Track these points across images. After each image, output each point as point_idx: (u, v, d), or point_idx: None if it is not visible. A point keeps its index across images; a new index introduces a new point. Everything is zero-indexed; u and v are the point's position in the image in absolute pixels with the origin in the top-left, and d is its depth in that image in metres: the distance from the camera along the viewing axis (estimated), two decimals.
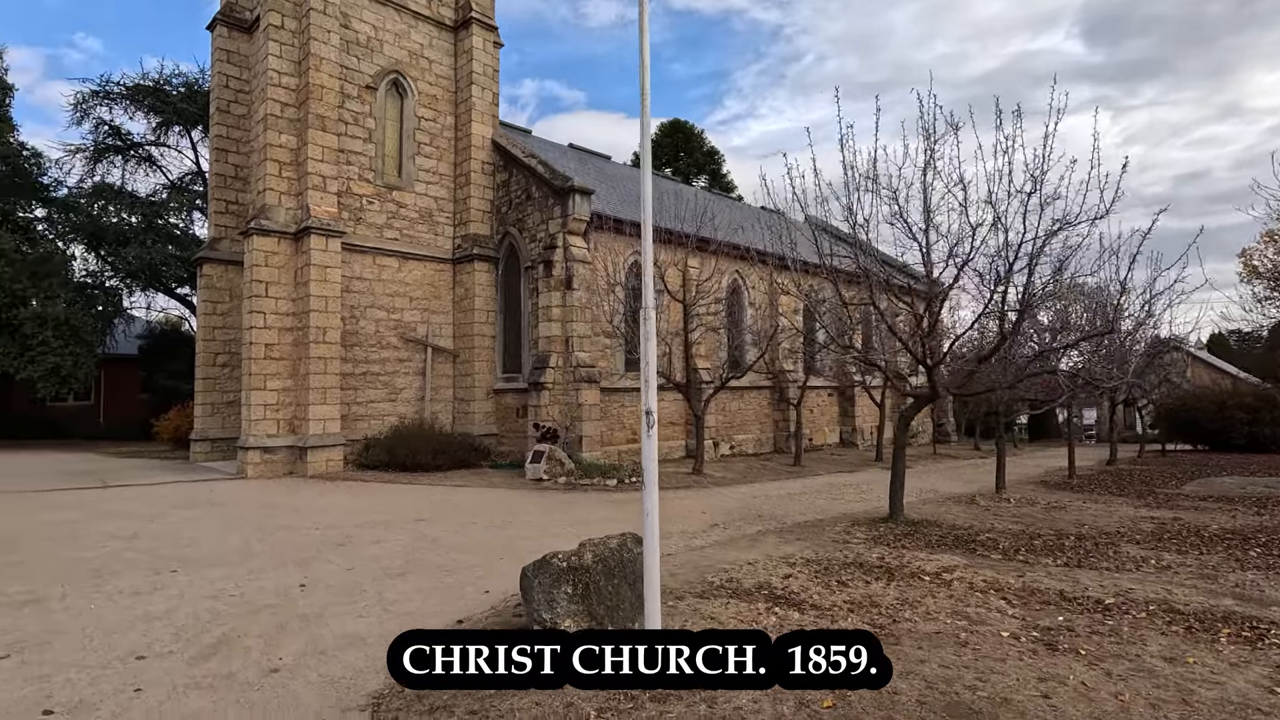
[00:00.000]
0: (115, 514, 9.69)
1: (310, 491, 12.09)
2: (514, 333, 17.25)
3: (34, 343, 20.86)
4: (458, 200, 17.80)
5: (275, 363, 14.57)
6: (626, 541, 4.49)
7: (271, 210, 14.67)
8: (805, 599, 5.26)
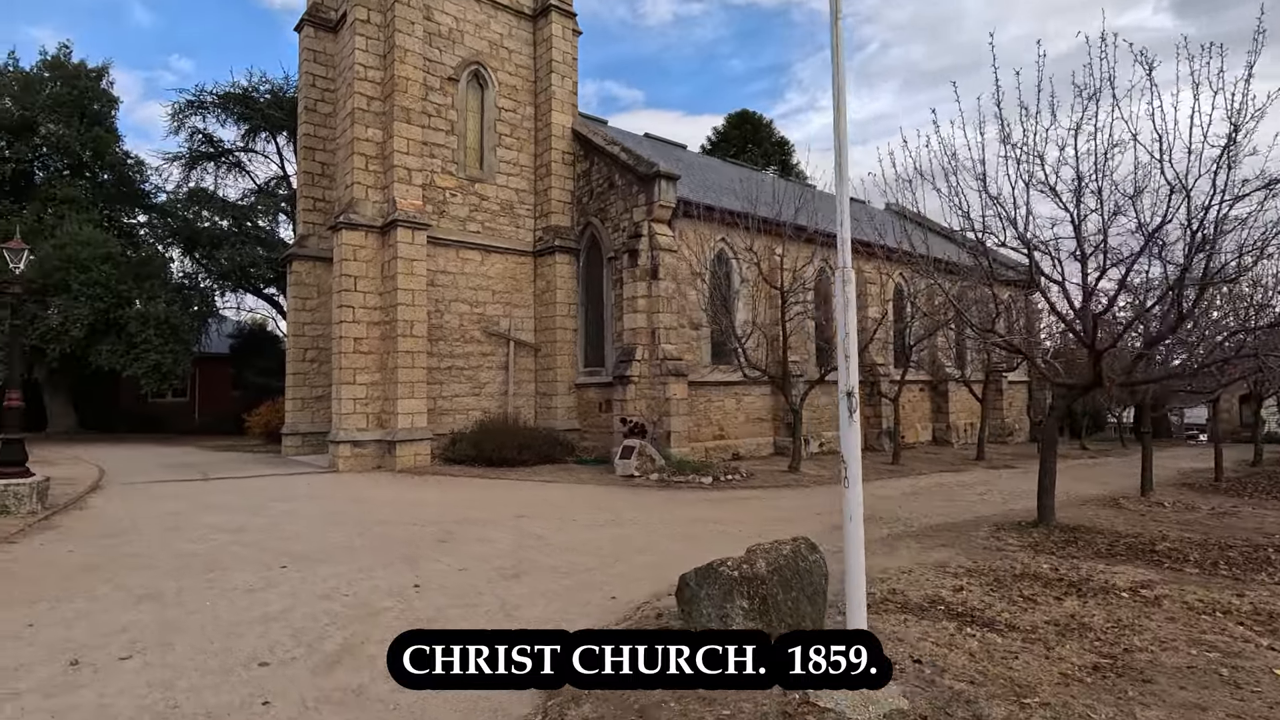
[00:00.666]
0: (217, 506, 9.69)
1: (401, 486, 11.93)
2: (596, 325, 16.82)
3: (138, 341, 21.80)
4: (538, 191, 17.50)
5: (364, 356, 14.58)
6: (800, 548, 3.84)
7: (359, 204, 14.68)
8: (995, 617, 4.48)
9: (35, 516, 8.34)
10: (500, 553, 6.89)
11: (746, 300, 16.38)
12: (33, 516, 8.33)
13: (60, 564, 6.31)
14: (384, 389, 14.67)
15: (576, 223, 17.31)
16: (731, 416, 16.64)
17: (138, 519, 8.58)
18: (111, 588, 5.54)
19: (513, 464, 14.13)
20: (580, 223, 17.19)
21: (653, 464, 12.99)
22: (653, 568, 6.31)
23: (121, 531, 7.74)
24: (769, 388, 17.40)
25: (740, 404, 16.82)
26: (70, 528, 7.93)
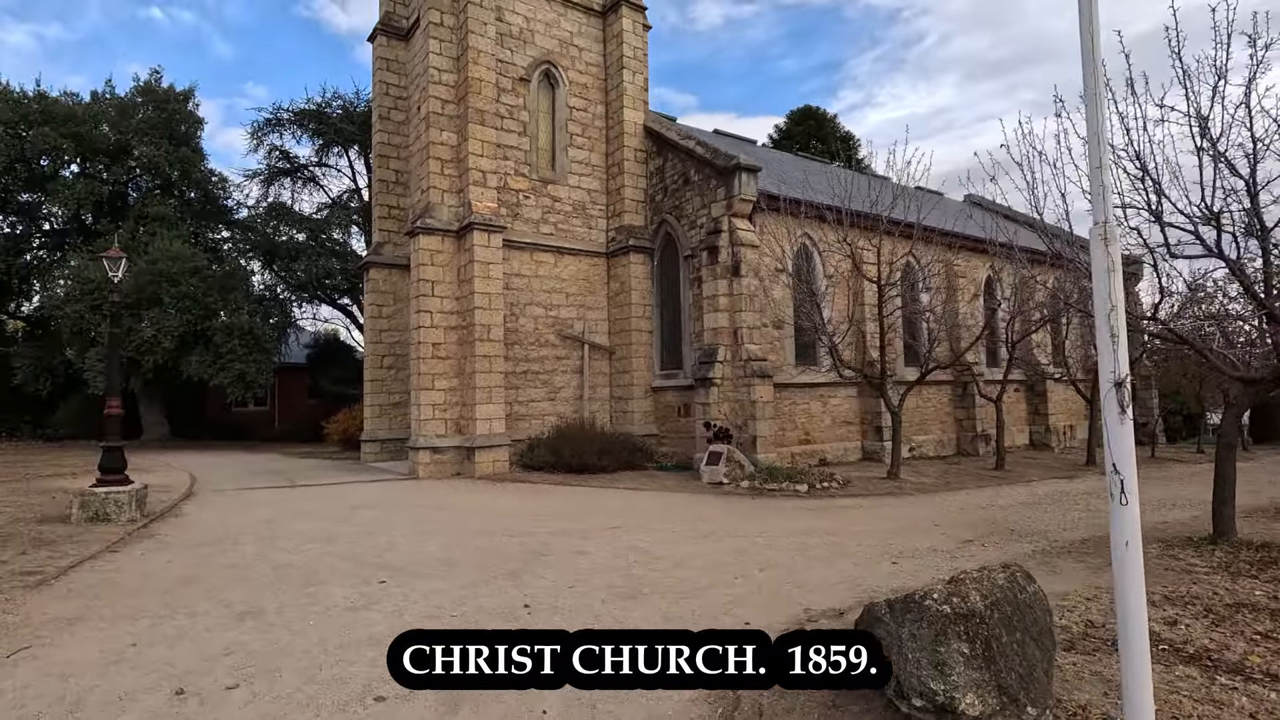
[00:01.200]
0: (307, 514, 9.55)
1: (483, 493, 11.62)
2: (672, 327, 16.25)
3: (224, 351, 22.49)
4: (610, 191, 17.10)
5: (442, 362, 14.43)
6: (1016, 578, 3.13)
7: (435, 208, 14.57)
8: (1242, 661, 3.65)
9: (134, 524, 8.32)
10: (604, 567, 6.36)
11: (828, 298, 15.50)
12: (132, 524, 8.32)
13: (160, 575, 6.13)
14: (461, 394, 14.48)
15: (650, 221, 16.81)
16: (817, 420, 15.77)
17: (231, 527, 8.47)
18: (212, 603, 5.27)
19: (593, 470, 13.68)
20: (654, 221, 16.69)
21: (741, 470, 12.31)
22: (778, 587, 5.66)
23: (216, 540, 7.59)
24: (855, 389, 16.48)
25: (826, 407, 15.94)
26: (168, 536, 7.85)
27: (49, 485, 12.47)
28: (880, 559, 6.71)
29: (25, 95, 24.89)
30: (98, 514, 8.27)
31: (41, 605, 5.21)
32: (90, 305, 22.52)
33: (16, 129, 24.05)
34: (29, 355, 26.56)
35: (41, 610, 5.08)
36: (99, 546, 7.09)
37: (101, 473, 8.61)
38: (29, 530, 7.85)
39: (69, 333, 23.46)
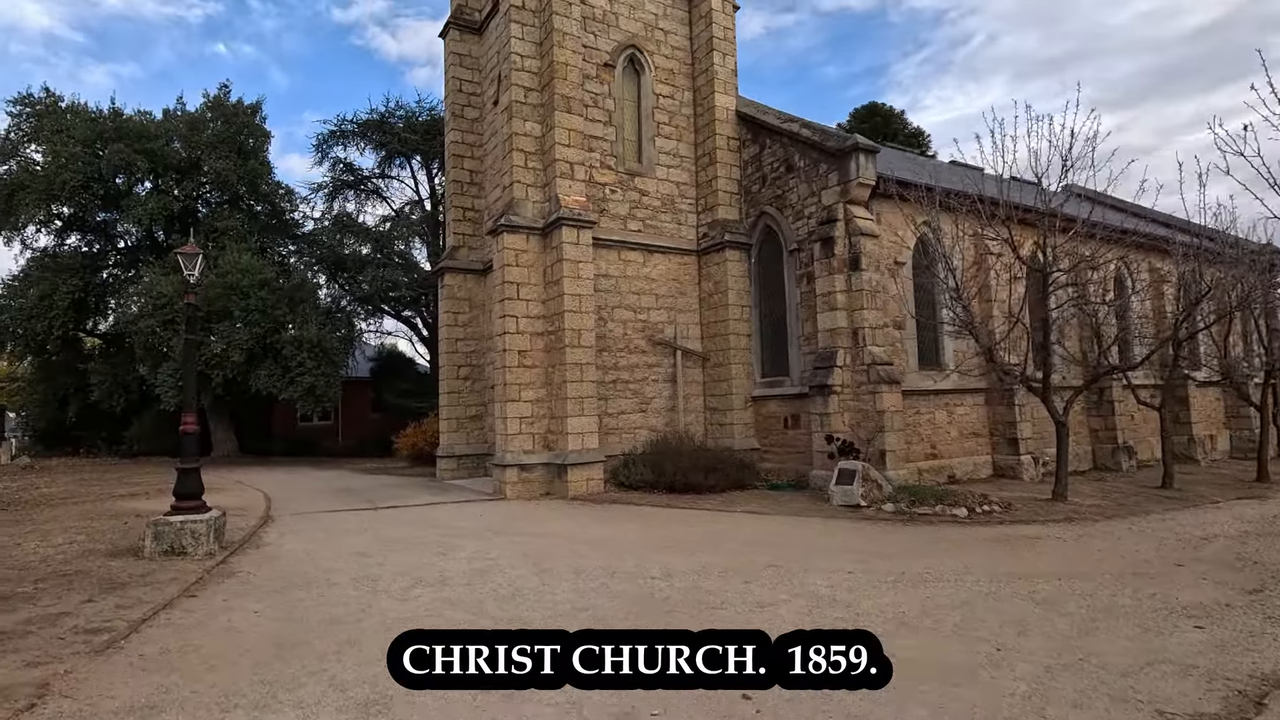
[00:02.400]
0: (401, 543, 8.35)
1: (587, 517, 10.26)
2: (776, 330, 14.70)
3: (293, 364, 21.92)
4: (700, 184, 15.71)
5: (528, 371, 13.21)
6: None
7: (519, 204, 13.42)
8: None
9: (213, 559, 7.22)
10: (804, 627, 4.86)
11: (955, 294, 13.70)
12: (210, 559, 7.22)
13: (249, 635, 4.91)
14: (550, 406, 13.23)
15: (745, 215, 15.35)
16: (943, 431, 13.95)
17: (321, 562, 7.29)
18: (323, 684, 3.98)
19: (698, 490, 12.21)
20: (750, 215, 15.22)
21: (880, 491, 10.65)
22: (1078, 669, 4.06)
23: (309, 582, 6.39)
24: (982, 396, 14.62)
25: (952, 416, 14.11)
26: (251, 575, 6.70)
27: (122, 508, 11.67)
28: (1164, 618, 5.03)
29: (101, 114, 25.07)
30: (173, 547, 7.20)
31: (108, 682, 4.01)
32: (162, 320, 22.28)
33: (93, 147, 24.18)
34: (105, 372, 26.66)
35: (108, 693, 3.87)
36: (175, 590, 5.95)
37: (177, 498, 7.56)
38: (99, 567, 6.81)
39: (142, 349, 23.31)
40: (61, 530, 9.21)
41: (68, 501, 13.00)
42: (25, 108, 24.76)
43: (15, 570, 6.75)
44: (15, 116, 24.65)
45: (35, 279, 24.90)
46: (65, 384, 28.12)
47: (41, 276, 24.71)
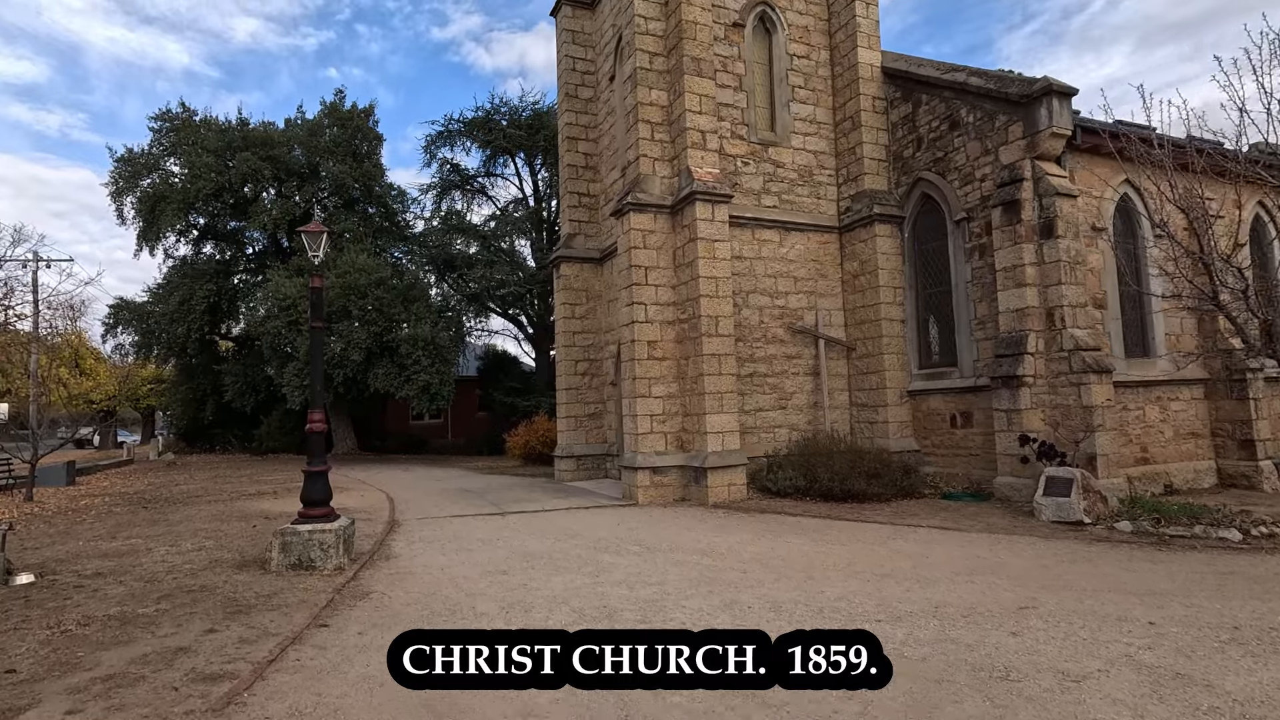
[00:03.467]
0: (542, 559, 7.27)
1: (745, 530, 8.86)
2: (937, 313, 12.78)
3: (408, 363, 21.86)
4: (840, 152, 13.97)
5: (659, 364, 11.99)
6: None
7: (645, 181, 12.21)
8: None
9: (342, 574, 6.38)
10: None
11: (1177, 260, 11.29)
12: (339, 574, 6.38)
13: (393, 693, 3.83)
14: (683, 402, 11.95)
15: (895, 185, 13.49)
16: (1155, 431, 11.57)
17: (459, 581, 6.29)
18: None
19: (860, 498, 10.57)
20: (903, 184, 13.34)
21: (1105, 505, 8.64)
22: None
23: (452, 609, 5.35)
24: (1200, 388, 12.09)
25: (1166, 413, 11.70)
26: (385, 597, 5.75)
27: (250, 508, 11.38)
28: None
29: (230, 124, 26.16)
30: (300, 560, 6.41)
31: None
32: (287, 321, 22.80)
33: (223, 157, 25.23)
34: (236, 373, 27.88)
35: None
36: (304, 617, 5.05)
37: (304, 504, 6.80)
38: (224, 583, 6.09)
39: (269, 349, 24.02)
40: (191, 534, 8.80)
41: (201, 499, 12.98)
42: (165, 123, 26.20)
43: (142, 583, 6.14)
44: (156, 132, 26.14)
45: (175, 285, 26.31)
46: (203, 385, 29.73)
47: (181, 282, 26.07)
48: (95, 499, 13.67)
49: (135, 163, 26.04)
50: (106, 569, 6.72)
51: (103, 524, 10.02)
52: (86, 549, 7.92)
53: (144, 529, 9.38)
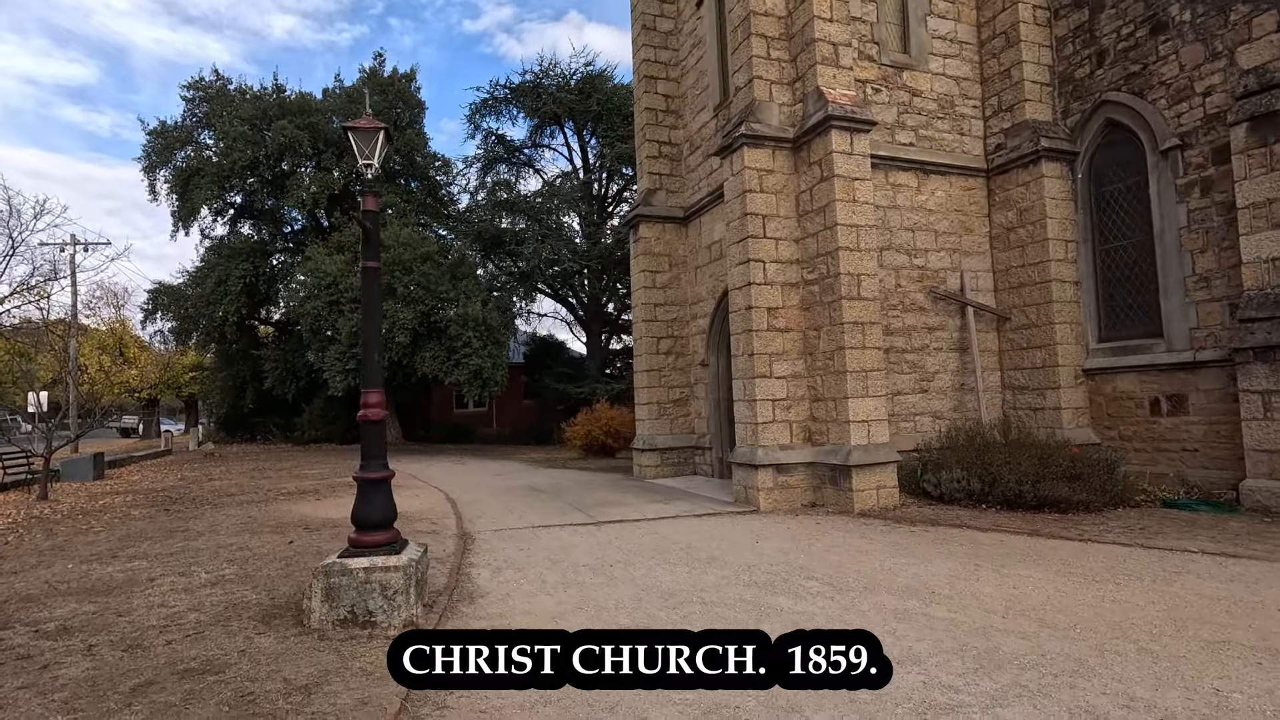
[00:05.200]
0: (690, 601, 5.06)
1: (945, 556, 6.50)
2: (1129, 272, 10.17)
3: (458, 345, 19.90)
4: (988, 77, 11.38)
5: (780, 336, 9.65)
6: None
7: (761, 109, 9.82)
8: None
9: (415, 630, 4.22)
10: None
11: None
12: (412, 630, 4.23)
13: None
14: (811, 383, 9.60)
15: (1064, 114, 10.87)
16: None
17: None
18: None
19: (1058, 506, 8.11)
20: (1073, 112, 10.72)
21: None
22: None
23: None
24: None
25: None
26: None
27: (288, 513, 9.41)
28: None
29: (265, 90, 24.44)
30: (354, 613, 4.30)
31: None
32: (327, 301, 21.04)
33: (259, 126, 23.53)
34: (277, 359, 26.39)
35: None
36: None
37: (357, 528, 4.66)
38: (238, 654, 3.99)
39: (309, 332, 22.34)
40: (212, 553, 6.81)
41: (233, 499, 11.12)
42: (197, 91, 24.61)
43: (119, 651, 4.09)
44: (189, 101, 24.57)
45: (212, 265, 24.83)
46: (243, 372, 28.36)
47: (217, 263, 24.57)
48: (117, 497, 11.95)
49: (168, 135, 24.53)
50: (81, 619, 4.71)
51: (110, 535, 8.14)
52: (71, 578, 5.96)
53: (156, 544, 7.44)
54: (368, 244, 5.04)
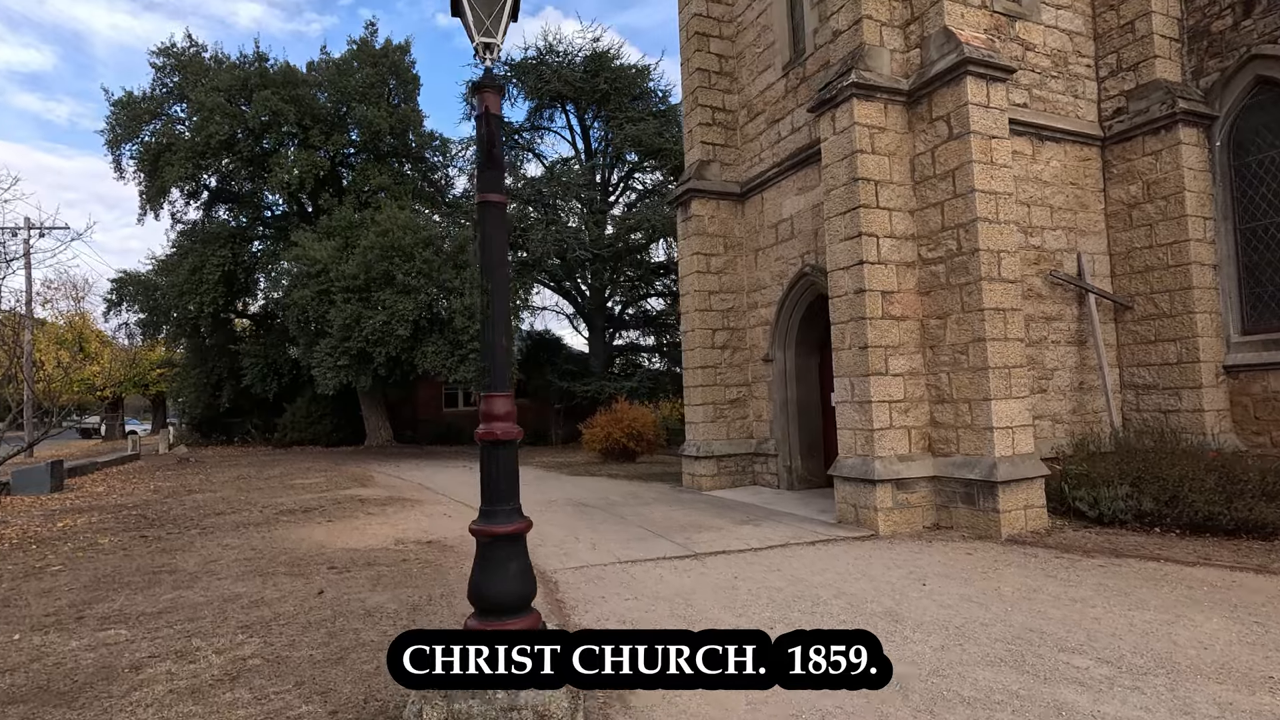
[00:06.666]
0: (922, 689, 3.48)
1: (1207, 612, 5.01)
2: (1277, 253, 8.83)
3: (464, 339, 18.07)
4: (1104, 33, 9.96)
5: (896, 325, 8.10)
6: None
7: (872, 55, 8.24)
8: None
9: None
10: None
11: None
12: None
13: None
14: (930, 381, 8.09)
15: (1195, 73, 9.50)
16: None
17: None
18: None
19: (1262, 532, 6.70)
20: (1208, 71, 9.35)
21: None
22: None
23: None
24: None
25: None
26: None
27: (299, 542, 7.61)
28: None
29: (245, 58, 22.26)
30: None
31: None
32: (317, 290, 19.06)
33: (237, 98, 21.37)
34: (256, 354, 24.25)
35: None
36: None
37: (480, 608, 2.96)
38: None
39: (295, 325, 20.32)
40: (217, 610, 5.04)
41: (223, 520, 9.25)
42: (168, 59, 22.33)
43: None
44: (159, 70, 22.27)
45: (185, 252, 22.61)
46: (219, 368, 26.12)
47: (191, 248, 22.38)
48: (80, 517, 10.00)
49: (135, 107, 22.20)
50: None
51: (73, 578, 6.30)
52: (16, 662, 4.17)
53: (137, 594, 5.65)
54: (489, 165, 3.35)
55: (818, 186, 10.05)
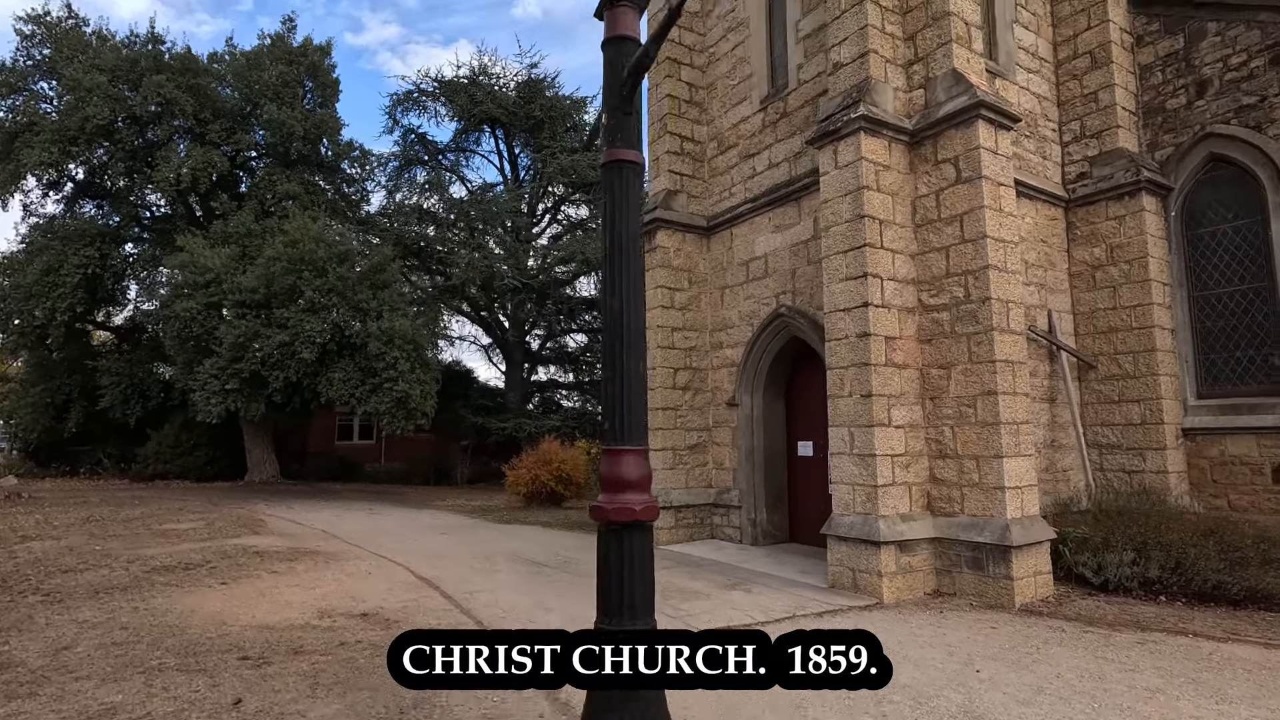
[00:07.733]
0: None
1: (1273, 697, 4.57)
2: (1227, 321, 9.17)
3: (379, 366, 16.26)
4: (1067, 100, 10.30)
5: (898, 373, 7.59)
6: None
7: (876, 90, 7.89)
8: None
9: None
10: None
11: None
12: None
13: None
14: (930, 435, 7.60)
15: (1150, 146, 9.92)
16: None
17: None
18: None
19: (1270, 602, 6.53)
20: (1163, 145, 9.79)
21: None
22: None
23: None
24: None
25: None
26: None
27: (187, 615, 5.89)
28: None
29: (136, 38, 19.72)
30: None
31: None
32: (205, 303, 16.72)
33: (122, 83, 18.80)
34: (119, 372, 21.00)
35: None
36: None
37: None
38: None
39: (173, 341, 17.70)
40: None
41: (77, 581, 7.23)
42: (39, 28, 19.41)
43: None
44: (26, 38, 19.28)
45: (39, 249, 19.36)
46: (67, 386, 22.40)
47: (47, 245, 19.18)
48: None
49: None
50: None
51: None
52: None
53: None
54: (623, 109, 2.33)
55: (797, 225, 9.63)
